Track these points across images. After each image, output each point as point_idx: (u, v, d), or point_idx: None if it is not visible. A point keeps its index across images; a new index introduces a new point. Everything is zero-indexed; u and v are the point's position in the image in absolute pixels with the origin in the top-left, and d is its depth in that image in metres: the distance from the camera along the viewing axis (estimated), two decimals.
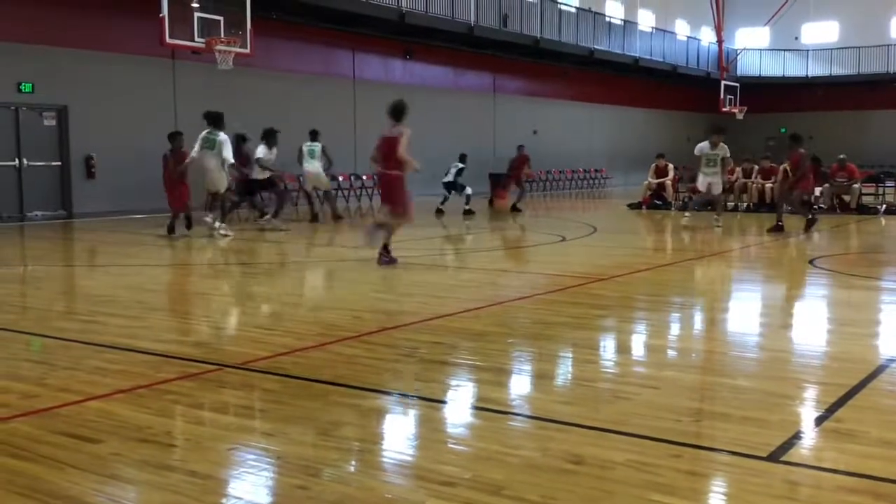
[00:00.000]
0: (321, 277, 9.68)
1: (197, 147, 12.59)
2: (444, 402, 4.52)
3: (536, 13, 28.51)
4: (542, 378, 5.07)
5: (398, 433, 4.07)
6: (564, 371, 5.30)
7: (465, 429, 4.11)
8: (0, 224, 15.83)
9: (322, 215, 16.34)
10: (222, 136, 12.67)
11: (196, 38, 15.68)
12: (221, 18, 16.02)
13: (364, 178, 23.22)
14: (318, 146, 16.21)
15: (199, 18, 15.70)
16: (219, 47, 15.90)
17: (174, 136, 13.26)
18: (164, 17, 14.91)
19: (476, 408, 4.43)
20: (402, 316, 6.89)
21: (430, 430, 4.07)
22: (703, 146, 14.75)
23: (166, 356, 5.33)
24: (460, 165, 17.84)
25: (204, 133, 12.71)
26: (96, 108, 17.55)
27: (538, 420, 4.16)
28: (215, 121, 12.80)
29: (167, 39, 15.20)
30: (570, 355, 5.67)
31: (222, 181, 12.85)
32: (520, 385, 4.93)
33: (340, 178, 22.49)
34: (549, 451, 3.61)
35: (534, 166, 28.87)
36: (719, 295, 8.53)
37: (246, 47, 16.42)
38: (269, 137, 14.70)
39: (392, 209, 9.32)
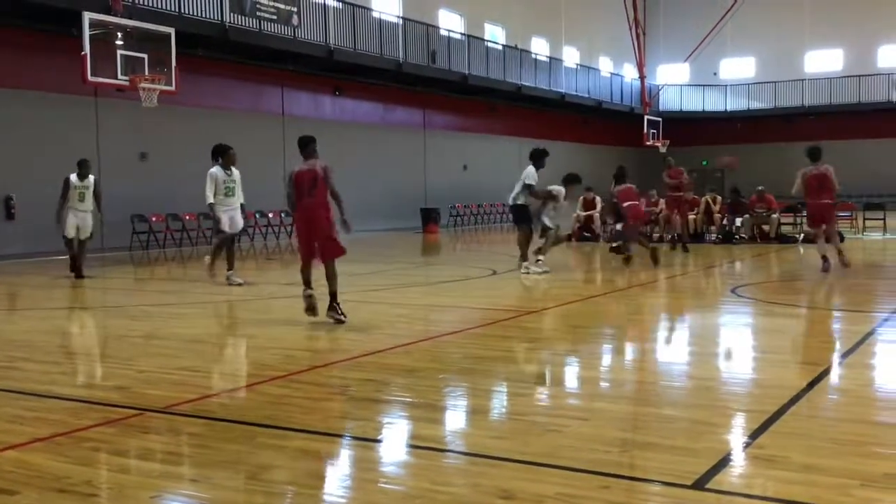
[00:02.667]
0: (251, 315, 9.52)
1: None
2: (375, 440, 4.47)
3: (464, 50, 28.92)
4: (473, 413, 5.06)
5: (329, 474, 4.00)
6: (496, 405, 5.30)
7: (396, 467, 4.07)
8: None
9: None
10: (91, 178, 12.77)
11: (119, 76, 15.42)
12: (146, 56, 15.80)
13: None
14: None
15: (123, 56, 15.45)
16: (143, 85, 15.66)
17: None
18: (86, 55, 14.65)
19: (408, 445, 4.39)
20: (333, 354, 6.82)
21: (361, 470, 4.02)
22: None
23: (86, 402, 5.16)
24: None
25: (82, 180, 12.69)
26: (16, 147, 17.09)
27: (470, 456, 4.15)
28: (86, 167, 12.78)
29: (89, 77, 14.93)
30: (502, 389, 5.68)
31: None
32: (452, 421, 4.91)
33: (270, 215, 22.32)
34: (479, 487, 3.60)
35: (464, 200, 29.21)
36: (647, 325, 8.68)
37: (171, 85, 16.21)
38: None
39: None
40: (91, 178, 12.83)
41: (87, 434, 4.50)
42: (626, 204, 13.98)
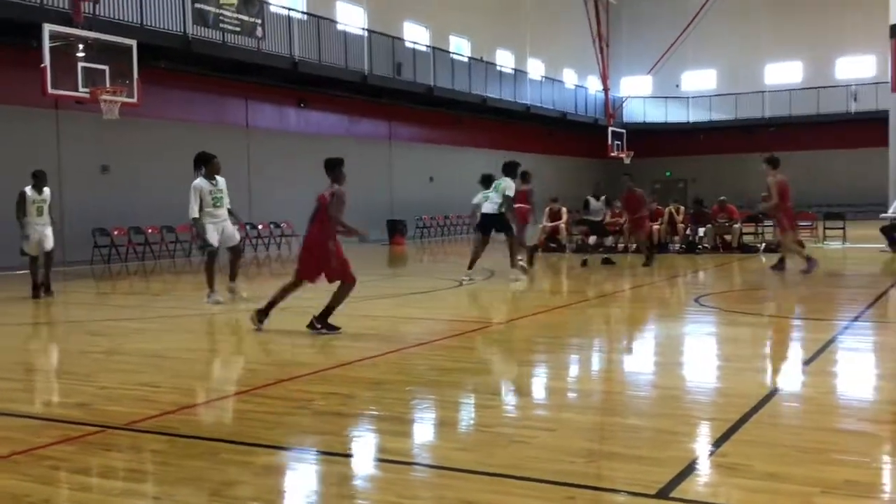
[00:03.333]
0: (214, 330, 9.43)
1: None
2: (340, 454, 4.44)
3: (429, 62, 28.99)
4: (439, 425, 5.04)
5: (293, 490, 3.97)
6: (462, 417, 5.29)
7: (362, 481, 4.05)
8: None
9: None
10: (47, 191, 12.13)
11: (80, 88, 15.21)
12: (107, 68, 15.60)
13: (259, 227, 22.92)
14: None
15: (83, 68, 15.25)
16: (104, 97, 15.47)
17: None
18: (45, 67, 14.43)
19: (373, 459, 4.37)
20: (298, 367, 6.76)
21: (326, 485, 3.99)
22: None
23: (46, 419, 5.07)
24: None
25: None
26: None
27: (436, 468, 4.13)
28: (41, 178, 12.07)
29: (49, 90, 14.71)
30: (469, 401, 5.68)
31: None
32: (417, 433, 4.90)
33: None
34: (444, 500, 3.59)
35: (430, 212, 29.09)
36: (612, 335, 8.73)
37: (133, 97, 16.03)
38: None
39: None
40: (47, 190, 12.20)
41: (47, 452, 4.42)
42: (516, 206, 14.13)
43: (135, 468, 4.24)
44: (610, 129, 37.73)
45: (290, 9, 23.97)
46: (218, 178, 11.03)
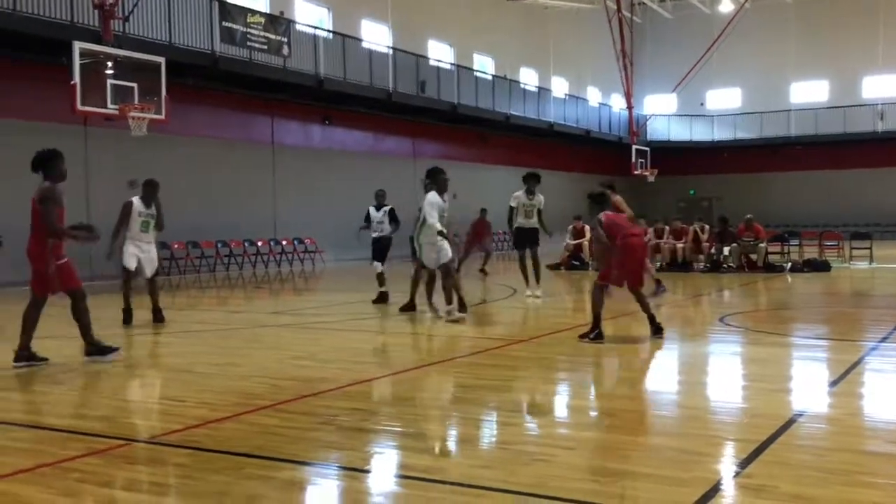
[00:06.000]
0: (238, 344, 9.48)
1: None
2: (363, 470, 4.44)
3: (453, 80, 29.12)
4: (462, 442, 5.04)
5: None
6: (484, 435, 5.28)
7: (384, 498, 4.05)
8: None
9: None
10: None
11: (109, 105, 15.43)
12: (135, 85, 15.82)
13: (283, 242, 23.05)
14: None
15: (112, 85, 15.47)
16: (132, 114, 15.67)
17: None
18: (75, 84, 14.66)
19: (396, 476, 4.37)
20: (322, 383, 6.78)
21: (349, 501, 4.00)
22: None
23: (71, 432, 5.12)
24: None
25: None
26: (2, 175, 17.04)
27: (457, 486, 4.12)
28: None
29: (79, 106, 14.93)
30: (491, 418, 5.66)
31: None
32: (440, 450, 4.89)
33: (259, 244, 22.32)
34: None
35: (455, 230, 28.86)
36: (636, 354, 8.67)
37: (161, 113, 16.23)
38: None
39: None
40: (155, 204, 10.77)
41: (73, 464, 4.46)
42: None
43: (159, 482, 4.27)
44: (634, 147, 37.65)
45: (315, 27, 24.20)
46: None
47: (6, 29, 15.96)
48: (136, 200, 10.64)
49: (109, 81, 15.45)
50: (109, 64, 15.46)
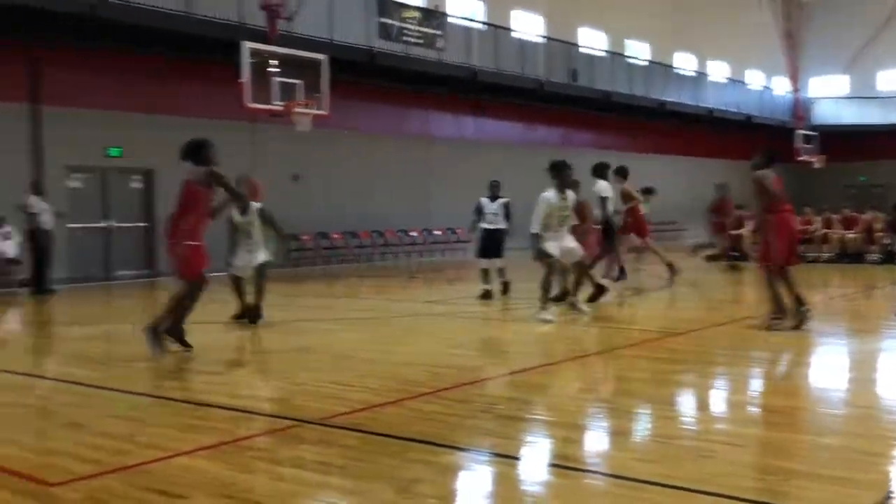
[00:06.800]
0: (397, 332, 9.75)
1: None
2: (519, 458, 4.51)
3: (606, 67, 28.64)
4: (619, 435, 5.01)
5: (474, 491, 4.07)
6: (643, 428, 5.22)
7: (540, 486, 4.09)
8: (88, 283, 16.41)
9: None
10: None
11: (274, 102, 16.16)
12: (300, 82, 16.49)
13: (437, 232, 23.43)
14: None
15: (278, 82, 16.19)
16: (297, 110, 16.38)
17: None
18: (244, 82, 15.44)
19: (552, 465, 4.40)
20: (478, 371, 6.90)
21: (506, 488, 4.06)
22: (550, 196, 9.93)
23: (248, 412, 5.45)
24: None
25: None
26: (179, 170, 18.16)
27: (615, 478, 4.11)
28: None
29: (247, 103, 15.71)
30: (649, 411, 5.59)
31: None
32: (597, 442, 4.89)
33: (414, 234, 22.82)
34: None
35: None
36: (803, 349, 8.29)
37: (324, 109, 16.86)
38: None
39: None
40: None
41: (249, 443, 4.76)
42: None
43: (327, 461, 4.48)
44: (799, 131, 35.78)
45: (469, 19, 24.40)
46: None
47: (182, 31, 16.99)
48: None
49: (275, 79, 16.18)
50: (275, 62, 16.18)
